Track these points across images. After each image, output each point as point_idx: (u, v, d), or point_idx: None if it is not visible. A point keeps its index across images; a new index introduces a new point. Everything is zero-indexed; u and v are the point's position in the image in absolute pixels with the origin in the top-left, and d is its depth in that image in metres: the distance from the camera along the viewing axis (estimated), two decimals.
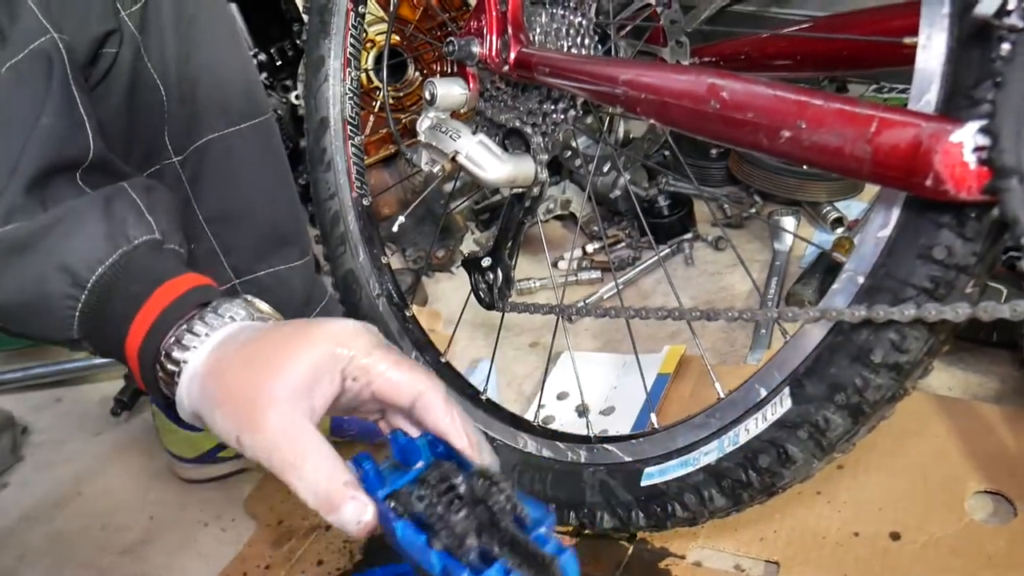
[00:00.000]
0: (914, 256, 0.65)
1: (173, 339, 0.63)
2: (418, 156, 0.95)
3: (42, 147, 0.67)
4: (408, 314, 1.20)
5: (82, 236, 0.66)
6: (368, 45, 1.61)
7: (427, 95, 0.92)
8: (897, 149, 0.60)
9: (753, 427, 0.77)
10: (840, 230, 1.37)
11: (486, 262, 0.98)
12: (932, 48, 0.63)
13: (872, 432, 0.75)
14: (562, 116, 0.91)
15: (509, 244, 0.97)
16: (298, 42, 1.75)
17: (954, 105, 0.61)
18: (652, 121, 0.75)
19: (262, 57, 1.74)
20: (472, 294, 1.03)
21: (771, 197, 1.46)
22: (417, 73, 1.71)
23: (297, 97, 1.65)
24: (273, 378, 0.58)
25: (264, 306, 0.68)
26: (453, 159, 0.89)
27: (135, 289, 0.65)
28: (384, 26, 1.60)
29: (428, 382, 0.61)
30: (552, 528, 0.57)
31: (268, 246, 1.11)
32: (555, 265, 1.55)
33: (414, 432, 0.64)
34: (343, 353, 0.59)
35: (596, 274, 1.46)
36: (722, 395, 0.82)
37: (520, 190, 0.94)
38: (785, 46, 0.94)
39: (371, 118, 1.67)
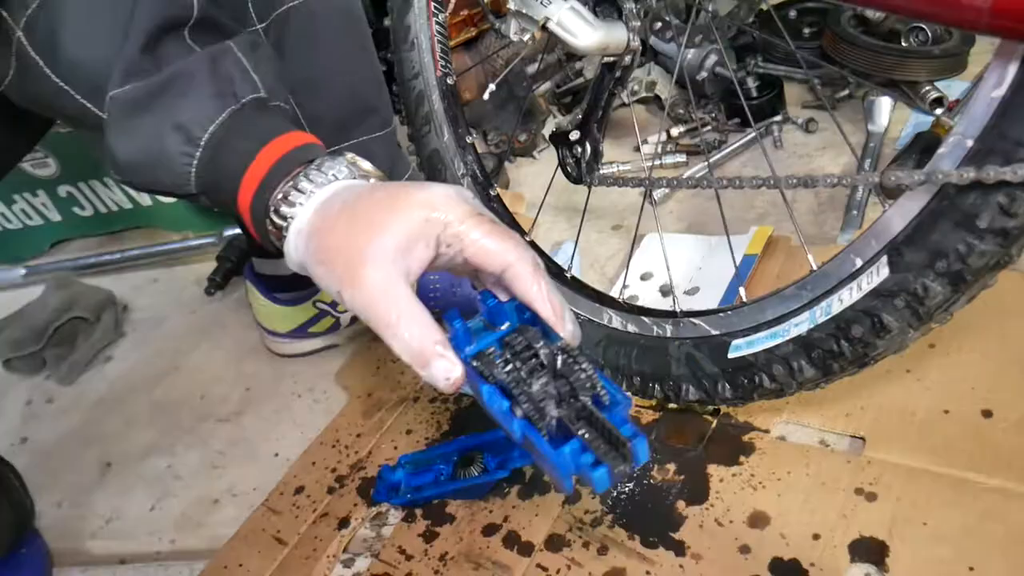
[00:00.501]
0: None
1: (281, 195, 0.65)
2: (507, 26, 0.93)
3: (151, 8, 0.68)
4: (492, 194, 1.20)
5: (192, 96, 0.68)
6: None
7: None
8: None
9: (847, 297, 0.76)
10: (940, 111, 1.31)
11: (574, 135, 0.97)
12: None
13: (967, 309, 0.73)
14: None
15: (598, 117, 0.96)
16: None
17: None
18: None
19: None
20: (559, 170, 1.02)
21: (866, 77, 1.40)
22: None
23: None
24: (372, 239, 0.60)
25: (366, 164, 0.70)
26: (544, 26, 0.87)
27: (244, 146, 0.68)
28: None
29: (518, 251, 0.63)
30: (628, 411, 0.59)
31: (351, 115, 1.12)
32: (639, 149, 1.52)
33: (504, 297, 0.66)
34: (438, 218, 0.61)
35: (681, 158, 1.44)
36: (815, 267, 0.81)
37: (611, 59, 0.92)
38: None
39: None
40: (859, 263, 0.76)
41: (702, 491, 0.89)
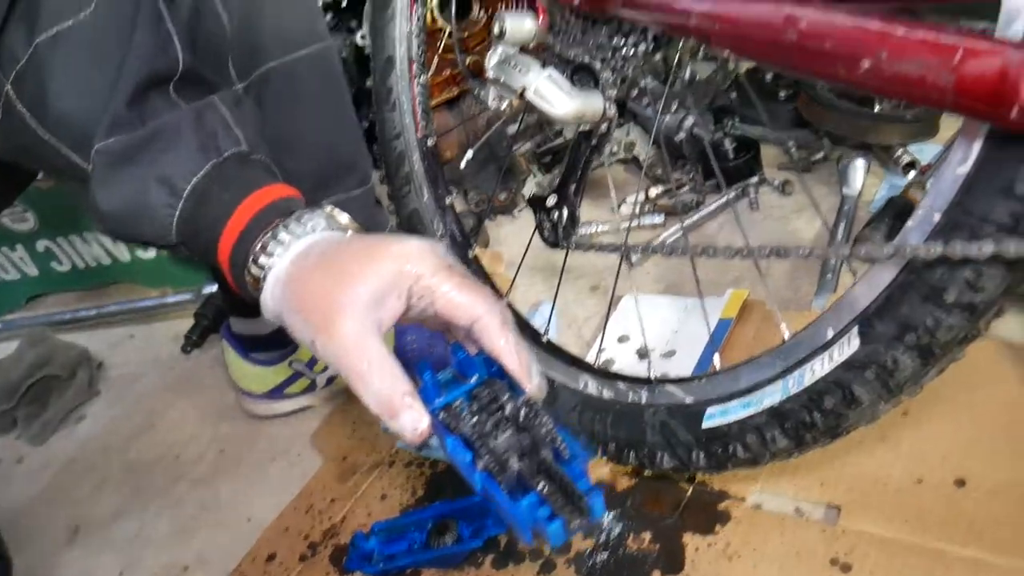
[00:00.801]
0: (994, 192, 0.63)
1: (260, 245, 0.67)
2: (486, 92, 0.94)
3: (138, 63, 0.70)
4: (470, 255, 1.20)
5: (177, 150, 0.70)
6: None
7: (496, 28, 0.92)
8: (982, 79, 0.58)
9: (819, 368, 0.76)
10: (912, 174, 1.33)
11: (551, 200, 0.98)
12: None
13: (940, 379, 0.73)
14: (632, 51, 0.89)
15: (575, 183, 0.97)
16: None
17: None
18: (726, 53, 0.73)
19: None
20: (536, 233, 1.03)
21: (841, 140, 1.42)
22: (482, 13, 1.69)
23: (363, 37, 1.65)
24: (346, 290, 0.62)
25: (344, 217, 0.72)
26: (521, 95, 0.88)
27: (226, 198, 0.69)
28: None
29: (486, 305, 0.65)
30: (587, 465, 0.60)
31: (329, 174, 1.13)
32: (617, 209, 1.53)
33: (473, 350, 0.68)
34: (410, 271, 0.63)
35: (659, 218, 1.45)
36: (788, 336, 0.81)
37: (587, 127, 0.93)
38: None
39: (435, 59, 1.66)
40: (831, 333, 0.76)
41: (677, 561, 0.88)
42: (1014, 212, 0.62)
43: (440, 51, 1.65)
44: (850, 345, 0.73)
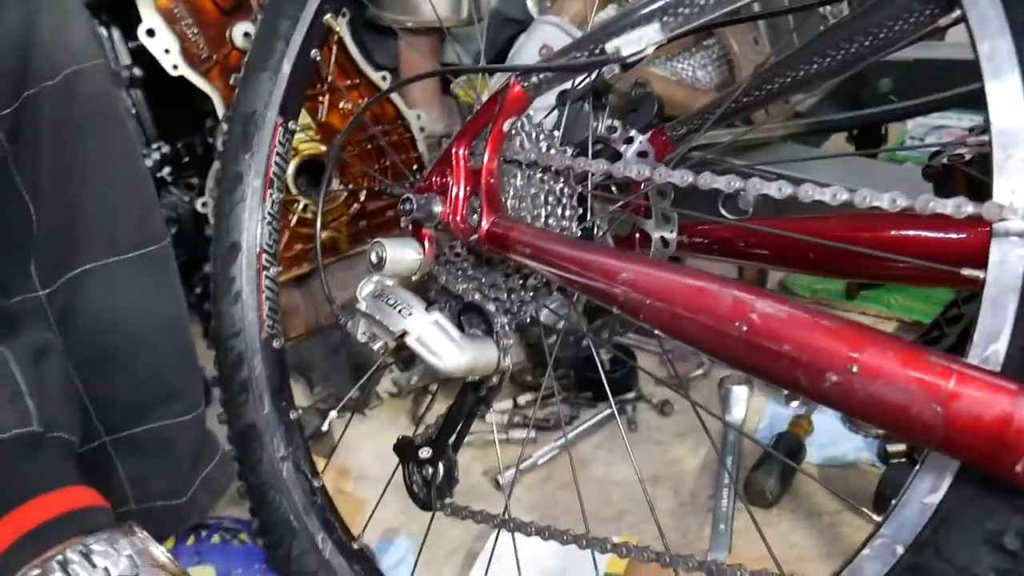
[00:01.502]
0: (976, 539, 0.54)
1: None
2: (354, 324, 0.79)
3: None
4: (317, 485, 1.02)
5: None
6: (291, 154, 1.46)
7: (373, 258, 0.77)
8: (980, 421, 0.49)
9: None
10: (795, 404, 1.27)
11: (424, 453, 0.82)
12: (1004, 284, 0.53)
13: None
14: (531, 294, 0.78)
15: (455, 436, 0.82)
16: (209, 140, 1.57)
17: None
18: (660, 335, 0.62)
19: (166, 150, 1.56)
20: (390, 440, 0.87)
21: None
22: (341, 186, 1.56)
23: (204, 205, 1.47)
24: None
25: (158, 551, 0.55)
26: (400, 338, 0.74)
27: None
28: (308, 134, 1.46)
29: None
30: None
31: (152, 399, 0.95)
32: (482, 418, 1.39)
33: None
34: None
35: (532, 434, 1.30)
36: None
37: (475, 378, 0.79)
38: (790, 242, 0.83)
39: (286, 233, 1.50)
40: None
41: None
42: (1002, 569, 0.53)
43: (292, 224, 1.50)
44: None
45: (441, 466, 0.82)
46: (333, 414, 0.96)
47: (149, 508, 1.00)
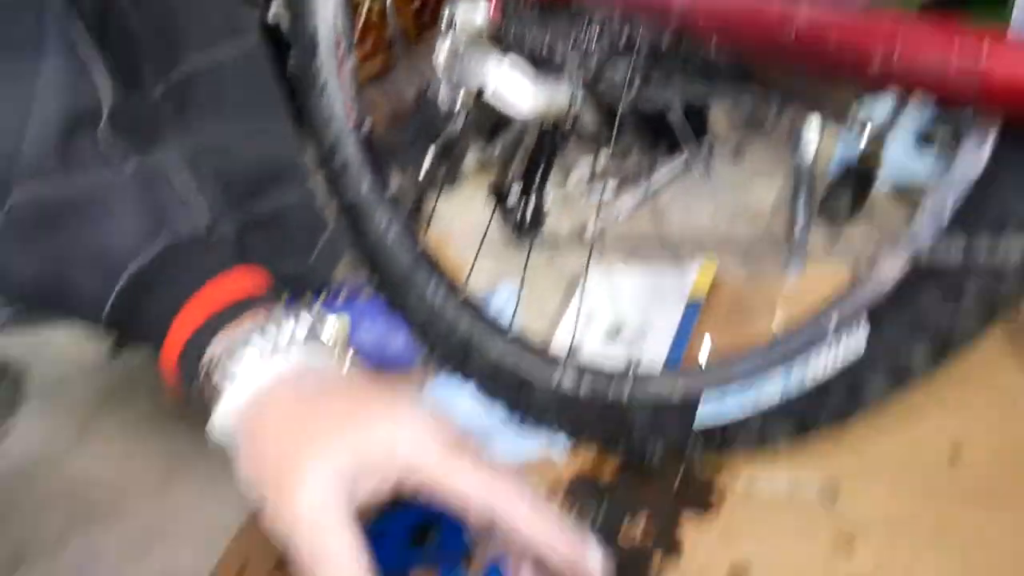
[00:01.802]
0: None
1: (218, 356, 0.57)
2: (435, 91, 0.86)
3: (51, 103, 0.57)
4: (419, 248, 1.13)
5: (117, 221, 0.58)
6: None
7: (444, 20, 0.83)
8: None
9: (820, 363, 0.74)
10: (867, 130, 1.31)
11: (514, 192, 0.92)
12: None
13: None
14: (596, 40, 0.83)
15: (539, 175, 0.91)
16: None
17: None
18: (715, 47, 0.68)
19: None
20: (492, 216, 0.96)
21: (791, 97, 1.39)
22: None
23: (275, 16, 1.51)
24: (317, 456, 0.52)
25: (329, 328, 0.60)
26: (479, 95, 0.81)
27: (176, 290, 0.58)
28: None
29: (507, 500, 0.54)
30: None
31: (264, 178, 1.04)
32: (564, 184, 1.48)
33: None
34: (404, 459, 0.54)
35: (609, 192, 1.40)
36: (778, 330, 0.79)
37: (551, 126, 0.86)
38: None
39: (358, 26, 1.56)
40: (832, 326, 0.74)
41: (677, 545, 0.85)
42: None
43: (364, 18, 1.55)
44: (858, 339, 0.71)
45: (531, 202, 0.91)
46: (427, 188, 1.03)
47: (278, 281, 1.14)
